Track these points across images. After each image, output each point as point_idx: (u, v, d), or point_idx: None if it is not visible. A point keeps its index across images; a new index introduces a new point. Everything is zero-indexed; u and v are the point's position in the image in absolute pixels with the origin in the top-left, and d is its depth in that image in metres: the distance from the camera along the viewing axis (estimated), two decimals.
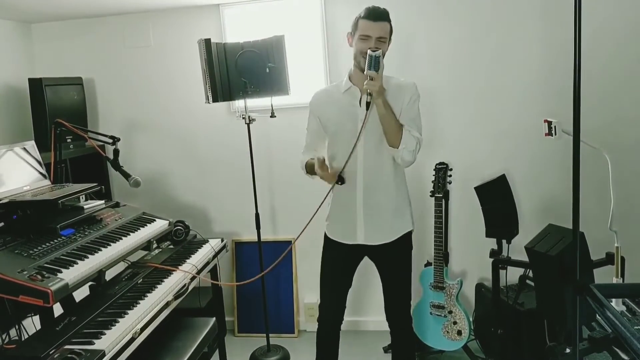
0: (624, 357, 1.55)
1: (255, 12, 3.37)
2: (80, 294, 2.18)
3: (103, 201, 2.57)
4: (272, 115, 3.11)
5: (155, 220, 2.69)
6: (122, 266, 2.47)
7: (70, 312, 2.03)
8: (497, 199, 2.84)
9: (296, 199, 3.46)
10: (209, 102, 3.03)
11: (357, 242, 2.38)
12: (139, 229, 2.51)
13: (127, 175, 2.67)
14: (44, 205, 2.25)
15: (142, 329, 1.95)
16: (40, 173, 2.61)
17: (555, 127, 2.18)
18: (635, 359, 1.36)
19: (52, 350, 1.72)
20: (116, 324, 1.91)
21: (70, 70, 3.56)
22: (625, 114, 3.08)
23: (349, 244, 2.40)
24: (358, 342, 3.37)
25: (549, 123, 2.21)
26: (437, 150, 3.25)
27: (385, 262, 2.44)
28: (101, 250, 2.17)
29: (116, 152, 2.73)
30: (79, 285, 1.95)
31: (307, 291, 3.61)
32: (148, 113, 3.64)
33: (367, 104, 2.18)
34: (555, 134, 2.18)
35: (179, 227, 2.85)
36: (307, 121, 2.48)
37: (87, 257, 2.07)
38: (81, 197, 2.46)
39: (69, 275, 1.89)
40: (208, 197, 3.68)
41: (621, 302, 1.71)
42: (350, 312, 3.51)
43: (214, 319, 2.72)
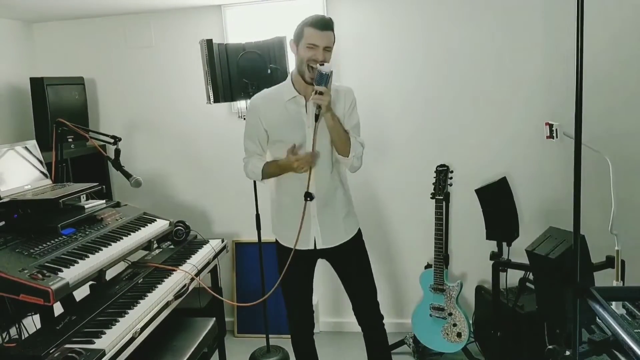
0: None
1: (257, 13, 3.37)
2: (80, 294, 2.18)
3: (104, 201, 2.57)
4: None
5: (155, 220, 2.70)
6: (122, 266, 2.48)
7: (71, 311, 2.03)
8: (497, 201, 2.84)
9: None
10: (210, 103, 3.04)
11: (315, 247, 2.39)
12: (140, 228, 2.51)
13: (128, 175, 2.67)
14: (45, 205, 2.25)
15: (142, 328, 1.95)
16: (42, 172, 2.61)
17: (556, 130, 2.19)
18: None
19: (53, 349, 1.72)
20: (116, 323, 1.91)
21: (71, 69, 3.56)
22: (627, 117, 3.08)
23: (305, 249, 2.40)
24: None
25: (551, 126, 2.22)
26: (438, 152, 3.25)
27: (342, 260, 2.46)
28: (102, 249, 2.17)
29: (117, 151, 2.73)
30: (79, 284, 1.95)
31: None
32: (149, 113, 3.64)
33: (316, 116, 2.18)
34: (557, 137, 2.19)
35: (180, 227, 2.85)
36: (247, 128, 2.39)
37: (88, 257, 2.07)
38: (82, 196, 2.46)
39: (69, 274, 1.89)
40: (209, 198, 3.68)
41: (621, 306, 1.71)
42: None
43: (214, 319, 2.72)
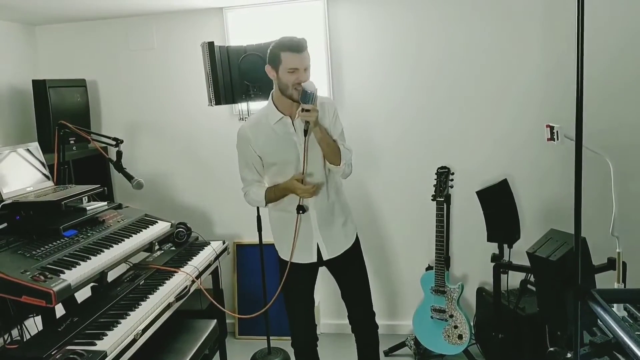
0: None
1: (258, 16, 3.38)
2: (82, 295, 2.19)
3: (105, 203, 2.58)
4: None
5: (157, 222, 2.70)
6: (124, 267, 2.48)
7: (73, 313, 2.04)
8: (498, 203, 2.84)
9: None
10: (211, 105, 3.04)
11: (317, 260, 2.41)
12: (141, 230, 2.52)
13: (129, 177, 2.68)
14: (47, 207, 2.26)
15: (144, 330, 1.96)
16: (44, 174, 2.62)
17: (557, 132, 2.19)
18: None
19: (54, 351, 1.73)
20: (118, 325, 1.91)
21: (73, 72, 3.58)
22: (627, 119, 3.08)
23: (309, 263, 2.42)
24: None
25: (552, 128, 2.21)
26: (439, 154, 3.26)
27: (342, 267, 2.48)
28: (103, 251, 2.18)
29: (119, 153, 2.74)
30: (81, 286, 1.96)
31: None
32: (151, 115, 3.65)
33: (305, 131, 2.20)
34: (558, 139, 2.19)
35: (181, 229, 2.85)
36: (241, 158, 2.40)
37: (90, 259, 2.08)
38: (84, 198, 2.47)
39: (71, 276, 1.90)
40: (210, 200, 3.68)
41: (622, 308, 1.71)
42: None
43: (215, 321, 2.73)
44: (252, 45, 3.03)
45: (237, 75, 3.03)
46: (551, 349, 2.17)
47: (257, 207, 3.19)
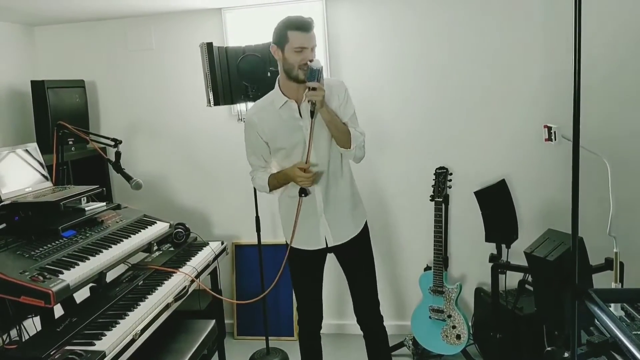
0: None
1: (256, 16, 3.38)
2: (81, 296, 2.19)
3: (104, 203, 2.58)
4: None
5: (155, 222, 2.71)
6: (122, 268, 2.49)
7: (71, 313, 2.04)
8: (496, 203, 2.85)
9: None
10: (210, 106, 3.05)
11: (325, 245, 2.40)
12: (140, 231, 2.52)
13: (128, 178, 2.68)
14: (45, 207, 2.26)
15: (143, 330, 1.96)
16: (42, 175, 2.62)
17: (555, 132, 2.19)
18: None
19: (53, 351, 1.73)
20: (117, 325, 1.92)
21: (72, 72, 3.57)
22: (625, 119, 3.08)
23: (316, 249, 2.41)
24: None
25: (549, 128, 2.22)
26: (437, 155, 3.26)
27: (349, 254, 2.46)
28: (102, 252, 2.18)
29: (118, 154, 2.75)
30: (80, 286, 1.96)
31: None
32: (149, 116, 3.65)
33: (311, 112, 2.17)
34: (555, 140, 2.19)
35: (180, 229, 2.86)
36: (248, 144, 2.39)
37: (88, 259, 2.08)
38: (83, 199, 2.48)
39: (70, 276, 1.90)
40: (209, 200, 3.69)
41: (620, 307, 1.71)
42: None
43: (214, 321, 2.73)
44: (251, 45, 3.03)
45: (235, 76, 3.03)
46: (549, 349, 2.17)
47: (256, 207, 3.21)
